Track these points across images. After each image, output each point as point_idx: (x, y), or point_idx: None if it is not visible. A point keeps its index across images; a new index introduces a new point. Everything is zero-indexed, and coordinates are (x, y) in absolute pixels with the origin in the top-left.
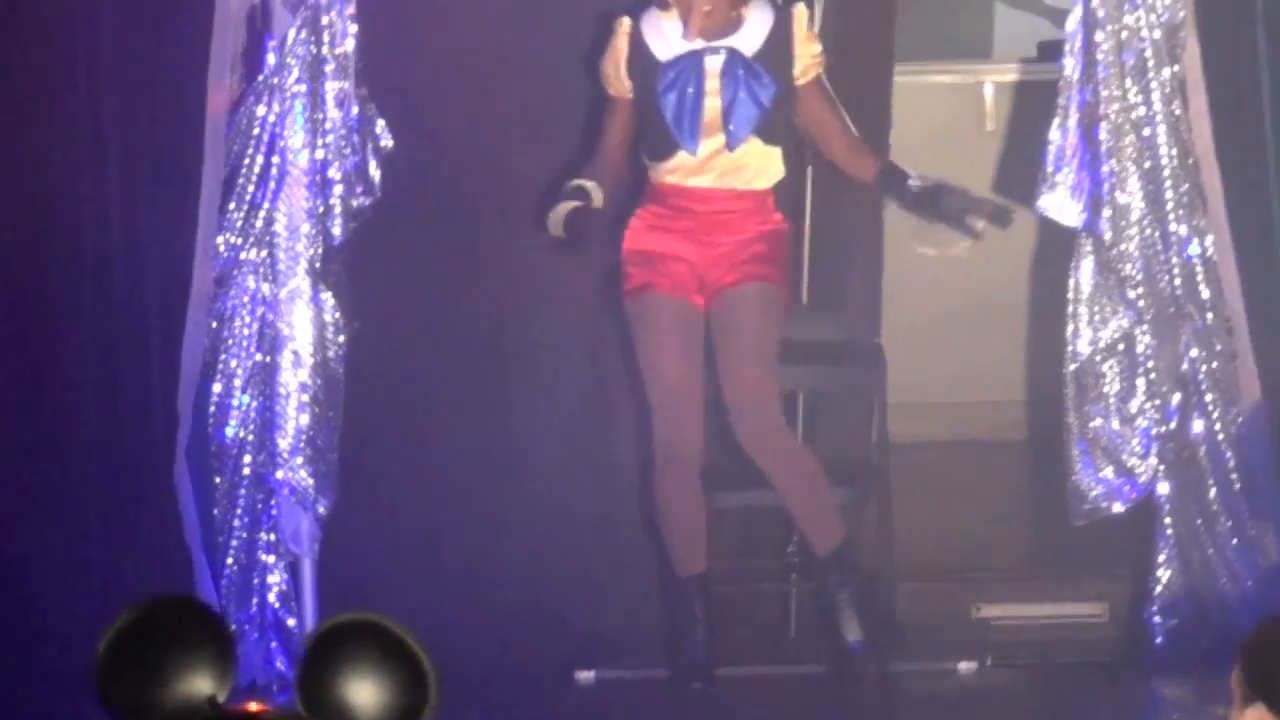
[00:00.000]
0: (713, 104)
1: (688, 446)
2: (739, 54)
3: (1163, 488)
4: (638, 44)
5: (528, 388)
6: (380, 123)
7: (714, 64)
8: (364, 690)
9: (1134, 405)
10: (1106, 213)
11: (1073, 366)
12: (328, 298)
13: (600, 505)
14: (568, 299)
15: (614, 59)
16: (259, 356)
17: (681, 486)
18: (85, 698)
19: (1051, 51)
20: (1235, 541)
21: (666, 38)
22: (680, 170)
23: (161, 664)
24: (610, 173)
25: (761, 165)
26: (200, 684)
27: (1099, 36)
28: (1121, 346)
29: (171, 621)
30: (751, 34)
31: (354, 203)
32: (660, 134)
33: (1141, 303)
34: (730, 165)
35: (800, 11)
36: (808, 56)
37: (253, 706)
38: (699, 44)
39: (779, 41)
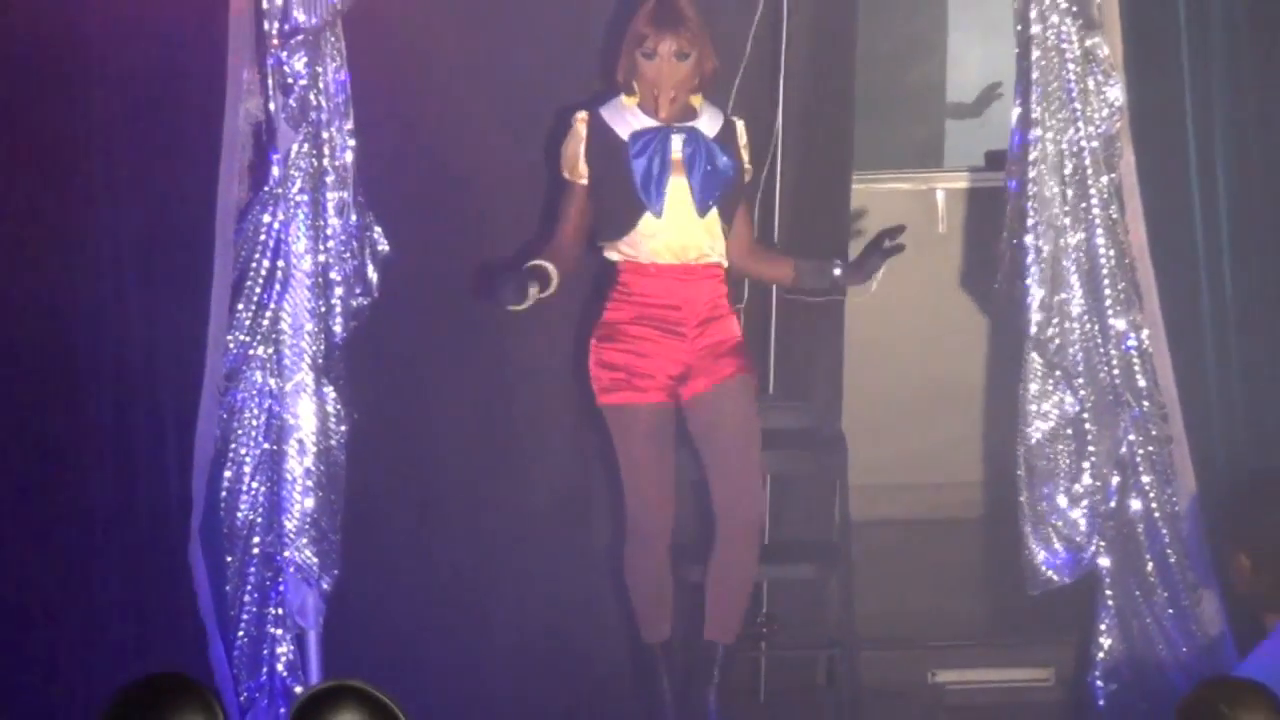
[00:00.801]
0: (677, 179)
1: (658, 527)
2: (700, 132)
3: (1104, 562)
4: (599, 129)
5: (513, 472)
6: (377, 229)
7: (677, 141)
8: None
9: (1079, 486)
10: (1048, 309)
11: (1023, 450)
12: (330, 391)
13: (579, 585)
14: (550, 396)
15: (575, 145)
16: (266, 445)
17: (650, 561)
18: None
19: (998, 160)
20: (1171, 612)
21: (629, 121)
22: (641, 249)
23: None
24: (565, 255)
25: (714, 242)
26: None
27: (1041, 145)
28: (1068, 432)
29: (161, 693)
30: (708, 123)
31: (353, 303)
32: (620, 208)
33: (1084, 392)
34: (690, 241)
35: (742, 126)
36: (742, 162)
37: None
38: (659, 124)
39: (729, 138)
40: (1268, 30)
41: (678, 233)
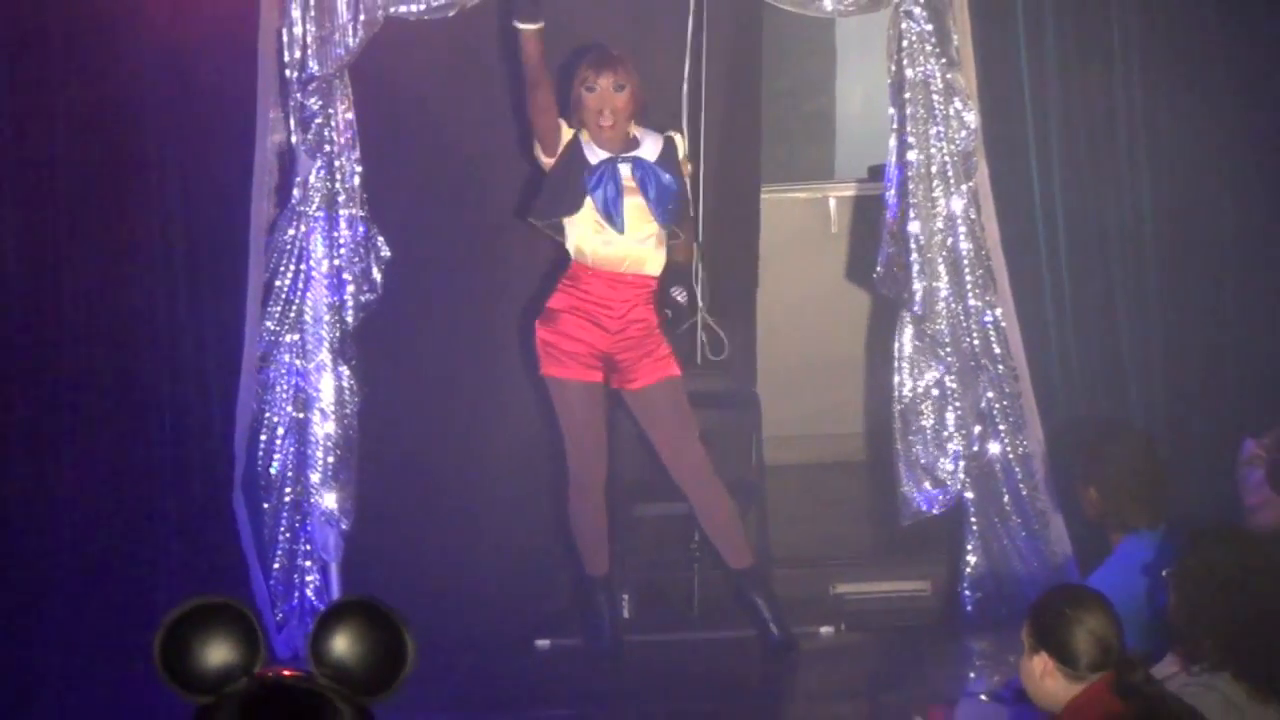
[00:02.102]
0: (632, 199)
1: (594, 479)
2: (643, 159)
3: (969, 495)
4: (576, 146)
5: (495, 432)
6: (380, 238)
7: (625, 169)
8: (356, 651)
9: (944, 434)
10: (920, 292)
11: (899, 406)
12: (345, 369)
13: (551, 512)
14: (519, 368)
15: (565, 132)
16: (295, 413)
17: (588, 506)
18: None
19: (879, 173)
20: (1024, 535)
21: (594, 151)
22: (588, 255)
23: (200, 645)
24: (549, 87)
25: (656, 254)
26: (233, 658)
27: (912, 160)
28: (935, 391)
29: (208, 615)
30: (649, 149)
31: (363, 298)
32: (558, 202)
33: (950, 358)
34: (628, 254)
35: (677, 137)
36: (684, 177)
37: (286, 672)
38: (609, 155)
39: (669, 157)
40: (1093, 64)
41: (621, 246)
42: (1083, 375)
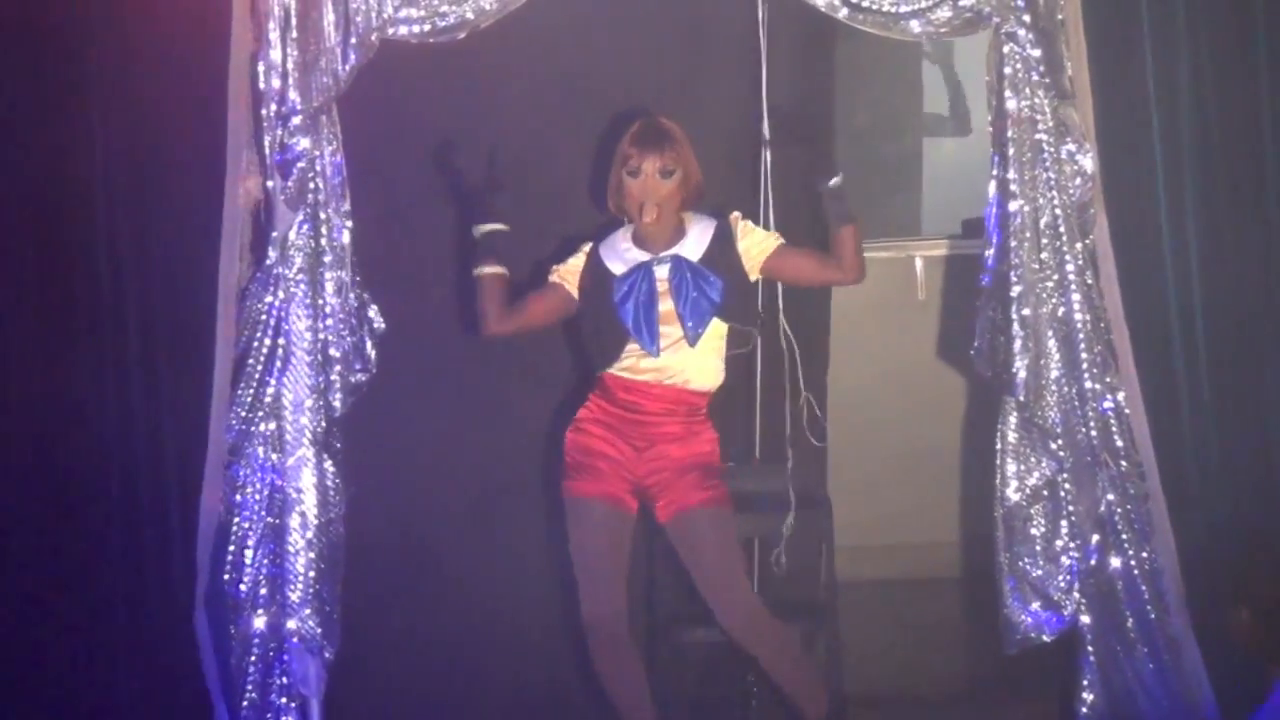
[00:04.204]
0: (665, 306)
1: (606, 618)
2: (683, 259)
3: (1085, 619)
4: (595, 261)
5: (511, 544)
6: (373, 307)
7: (661, 271)
8: None
9: (1058, 545)
10: (1024, 372)
11: (1002, 510)
12: (329, 465)
13: (578, 644)
14: (538, 465)
15: (575, 266)
16: (270, 519)
17: (612, 652)
18: None
19: (974, 228)
20: (1152, 666)
21: (621, 254)
22: (622, 364)
23: None
24: (520, 309)
25: (700, 365)
26: None
27: (1016, 213)
28: (1045, 492)
29: None
30: (694, 242)
31: (352, 379)
32: (607, 342)
33: (1062, 453)
34: (673, 365)
35: (735, 218)
36: (754, 248)
37: None
38: (646, 256)
39: (722, 247)
40: (1235, 97)
41: (662, 359)
42: (1224, 473)
